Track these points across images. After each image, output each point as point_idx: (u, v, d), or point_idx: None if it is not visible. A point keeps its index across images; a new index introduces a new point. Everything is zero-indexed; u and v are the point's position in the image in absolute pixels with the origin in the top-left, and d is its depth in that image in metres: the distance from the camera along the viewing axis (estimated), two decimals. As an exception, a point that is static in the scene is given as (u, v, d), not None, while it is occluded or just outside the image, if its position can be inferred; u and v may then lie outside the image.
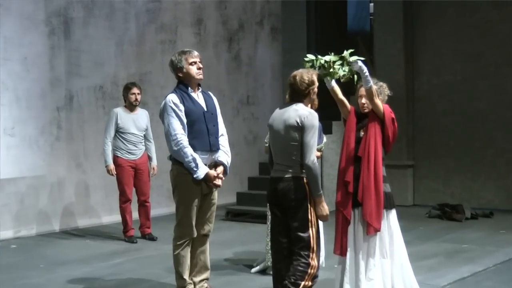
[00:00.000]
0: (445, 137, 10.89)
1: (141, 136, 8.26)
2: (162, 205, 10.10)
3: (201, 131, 5.42)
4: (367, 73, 5.20)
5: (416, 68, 11.18)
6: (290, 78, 4.97)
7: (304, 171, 4.71)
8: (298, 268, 4.68)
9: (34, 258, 7.49)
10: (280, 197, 4.77)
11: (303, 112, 4.77)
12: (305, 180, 4.72)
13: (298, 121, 4.73)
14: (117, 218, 8.65)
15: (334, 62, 5.23)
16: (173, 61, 5.56)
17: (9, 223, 8.66)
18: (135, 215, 8.52)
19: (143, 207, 8.43)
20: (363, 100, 5.44)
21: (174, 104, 5.37)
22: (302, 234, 4.70)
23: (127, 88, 8.31)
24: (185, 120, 5.37)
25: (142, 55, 10.30)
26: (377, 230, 5.20)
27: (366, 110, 5.45)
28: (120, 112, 8.20)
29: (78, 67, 9.42)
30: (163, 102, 5.47)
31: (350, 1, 12.45)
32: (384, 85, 5.68)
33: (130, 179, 8.20)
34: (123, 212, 8.30)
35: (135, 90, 8.26)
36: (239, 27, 11.89)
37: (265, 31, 12.38)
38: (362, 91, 5.40)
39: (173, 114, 5.33)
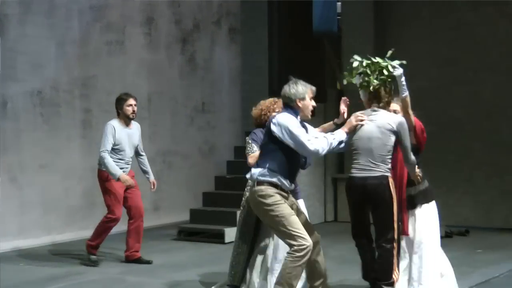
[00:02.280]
0: (418, 148, 10.94)
1: (133, 153, 8.17)
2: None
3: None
4: (404, 81, 5.85)
5: (388, 73, 11.23)
6: None
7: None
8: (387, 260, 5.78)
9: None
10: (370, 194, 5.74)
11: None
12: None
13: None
14: (57, 238, 8.50)
15: (379, 64, 5.84)
16: None
17: None
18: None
19: (139, 226, 8.16)
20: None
21: None
22: (389, 226, 5.75)
23: (121, 100, 8.10)
24: None
25: (86, 57, 10.18)
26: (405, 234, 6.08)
27: None
28: (117, 125, 8.00)
29: (13, 69, 9.25)
30: None
31: (316, 0, 12.49)
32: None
33: (122, 195, 8.03)
34: (105, 229, 8.07)
35: (132, 101, 8.05)
36: (193, 27, 11.84)
37: (223, 31, 12.35)
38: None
39: None
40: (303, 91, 5.87)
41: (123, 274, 7.58)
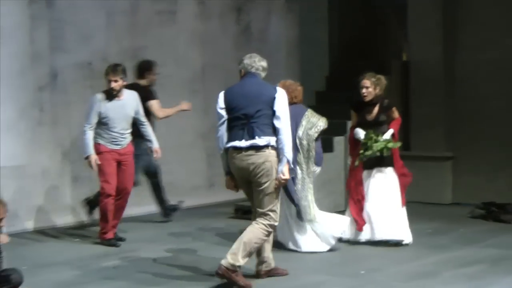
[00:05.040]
0: (490, 124, 10.96)
1: (128, 124, 8.44)
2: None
3: None
4: None
5: (457, 43, 11.22)
6: None
7: None
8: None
9: (14, 259, 7.64)
10: None
11: None
12: None
13: None
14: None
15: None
16: None
17: (-15, 219, 8.84)
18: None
19: (119, 204, 8.48)
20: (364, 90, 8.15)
21: None
22: None
23: (105, 72, 8.34)
24: None
25: (136, 28, 10.45)
26: None
27: (367, 99, 8.19)
28: (102, 98, 8.26)
29: (62, 40, 9.60)
30: None
31: (379, -35, 12.54)
32: (382, 77, 8.14)
33: (114, 170, 8.36)
34: (104, 209, 8.36)
35: (111, 76, 8.24)
36: (249, -5, 11.99)
37: (280, 0, 12.46)
38: (365, 82, 8.19)
39: None
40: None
41: (177, 253, 7.90)
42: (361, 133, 8.23)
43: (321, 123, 8.02)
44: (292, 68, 12.48)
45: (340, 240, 8.09)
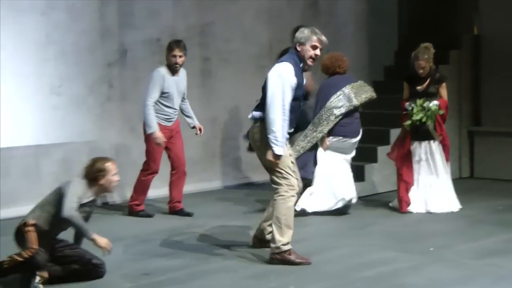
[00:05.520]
0: None
1: (180, 100, 8.64)
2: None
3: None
4: None
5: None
6: None
7: None
8: None
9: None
10: None
11: None
12: None
13: None
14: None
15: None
16: None
17: (56, 193, 9.01)
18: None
19: (181, 177, 8.66)
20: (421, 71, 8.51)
21: None
22: None
23: (167, 48, 8.51)
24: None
25: (204, 3, 10.47)
26: None
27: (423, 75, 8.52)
28: (165, 73, 8.41)
29: (131, 16, 9.68)
30: None
31: None
32: (430, 47, 8.56)
33: (162, 149, 8.51)
34: (145, 184, 8.60)
35: (177, 51, 8.38)
36: (317, -31, 11.88)
37: (348, -27, 12.34)
38: (420, 64, 8.46)
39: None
40: (305, 36, 6.48)
41: (245, 229, 7.90)
42: (409, 106, 8.59)
43: (367, 95, 8.52)
44: (360, 42, 12.40)
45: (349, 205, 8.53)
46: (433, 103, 8.47)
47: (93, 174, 5.99)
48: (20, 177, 8.77)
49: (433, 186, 8.64)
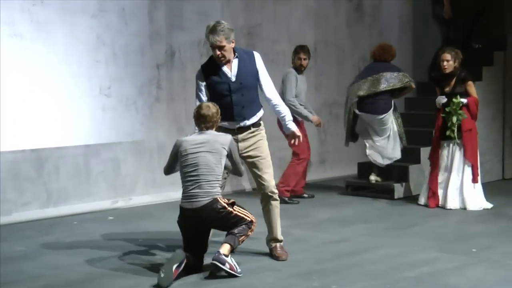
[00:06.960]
0: None
1: None
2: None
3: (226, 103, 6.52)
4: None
5: None
6: None
7: None
8: None
9: (134, 232, 7.86)
10: None
11: None
12: None
13: None
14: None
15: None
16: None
17: (105, 192, 9.16)
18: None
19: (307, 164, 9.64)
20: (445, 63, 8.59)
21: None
22: None
23: (294, 51, 9.41)
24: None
25: (251, 5, 10.52)
26: None
27: (447, 71, 8.61)
28: (296, 74, 9.31)
29: (180, 19, 9.76)
30: None
31: None
32: (459, 51, 8.64)
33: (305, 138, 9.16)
34: (301, 171, 9.45)
35: (302, 55, 9.31)
36: (362, -28, 11.86)
37: (393, -24, 12.29)
38: (446, 56, 8.62)
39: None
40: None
41: (288, 228, 7.89)
42: (441, 99, 8.72)
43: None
44: (404, 44, 12.35)
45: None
46: (462, 100, 8.62)
47: None
48: (70, 176, 8.91)
49: (444, 183, 8.83)
